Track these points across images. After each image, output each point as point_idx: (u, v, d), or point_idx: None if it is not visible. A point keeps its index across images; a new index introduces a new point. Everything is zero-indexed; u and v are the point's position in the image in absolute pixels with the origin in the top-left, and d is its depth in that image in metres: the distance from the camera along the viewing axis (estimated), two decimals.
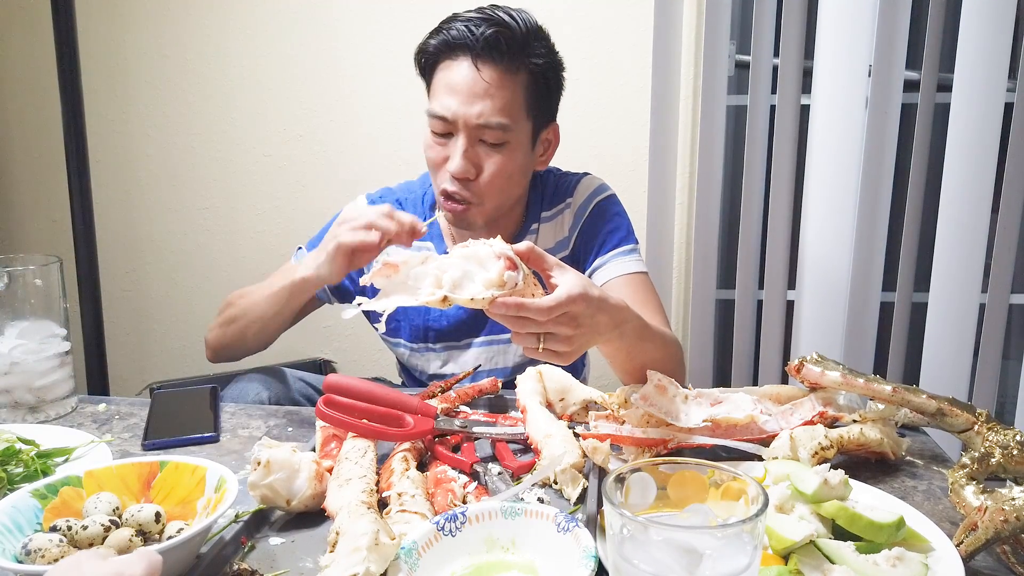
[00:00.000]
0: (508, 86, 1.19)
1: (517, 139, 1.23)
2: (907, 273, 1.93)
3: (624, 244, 1.35)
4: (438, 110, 1.20)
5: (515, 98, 1.20)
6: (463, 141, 1.20)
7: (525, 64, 1.21)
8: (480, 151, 1.21)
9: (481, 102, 1.18)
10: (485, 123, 1.18)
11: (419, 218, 1.16)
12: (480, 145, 1.21)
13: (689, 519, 0.62)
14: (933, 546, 0.73)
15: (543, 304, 0.83)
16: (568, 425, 0.98)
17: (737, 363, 2.05)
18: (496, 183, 1.23)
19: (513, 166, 1.24)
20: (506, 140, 1.21)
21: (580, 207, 1.37)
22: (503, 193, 1.26)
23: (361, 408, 0.93)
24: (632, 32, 2.00)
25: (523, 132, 1.24)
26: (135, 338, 2.33)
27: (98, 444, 1.00)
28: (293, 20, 2.10)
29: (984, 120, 1.81)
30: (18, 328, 1.12)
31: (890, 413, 0.98)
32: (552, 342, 0.87)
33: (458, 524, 0.74)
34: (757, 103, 1.91)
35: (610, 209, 1.37)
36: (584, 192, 1.38)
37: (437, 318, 1.37)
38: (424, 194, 1.42)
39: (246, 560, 0.76)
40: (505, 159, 1.22)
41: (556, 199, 1.39)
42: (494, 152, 1.21)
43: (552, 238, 1.38)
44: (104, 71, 2.16)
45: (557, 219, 1.38)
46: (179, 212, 2.25)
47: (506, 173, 1.23)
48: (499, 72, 1.18)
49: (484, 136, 1.20)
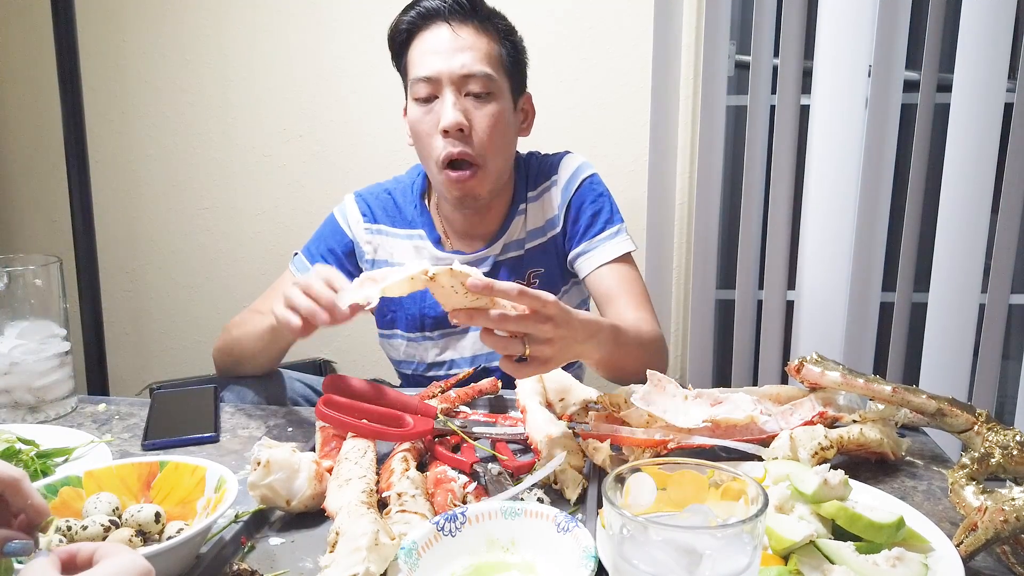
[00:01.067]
0: (483, 40, 1.24)
1: (501, 93, 1.26)
2: (907, 273, 1.93)
3: (609, 226, 1.36)
4: (422, 72, 1.23)
5: (492, 51, 1.25)
6: (451, 95, 1.22)
7: (493, 24, 1.26)
8: (468, 104, 1.23)
9: (462, 54, 1.22)
10: (469, 72, 1.22)
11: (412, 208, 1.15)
12: (468, 98, 1.23)
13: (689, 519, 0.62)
14: (933, 546, 0.73)
15: (513, 286, 0.82)
16: (568, 425, 0.98)
17: (737, 363, 2.05)
18: (492, 135, 1.24)
19: (504, 120, 1.26)
20: (491, 90, 1.24)
21: (566, 184, 1.38)
22: (500, 151, 1.27)
23: (361, 408, 0.93)
24: (632, 32, 2.00)
25: (505, 88, 1.27)
26: (135, 338, 2.33)
27: (98, 444, 1.00)
28: (293, 20, 2.10)
29: (984, 120, 1.81)
30: (18, 328, 1.12)
31: (890, 413, 0.98)
32: (536, 345, 0.86)
33: (458, 524, 0.74)
34: (757, 103, 1.91)
35: (594, 189, 1.38)
36: (568, 169, 1.39)
37: (433, 305, 1.37)
38: (413, 184, 1.42)
39: (246, 560, 0.76)
40: (495, 109, 1.24)
41: (540, 178, 1.40)
42: (482, 103, 1.24)
43: (541, 217, 1.39)
44: (104, 71, 2.16)
45: (543, 197, 1.39)
46: (179, 212, 2.25)
47: (500, 125, 1.25)
48: (472, 28, 1.24)
49: (470, 87, 1.23)
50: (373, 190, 1.43)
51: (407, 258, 1.38)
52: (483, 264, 1.37)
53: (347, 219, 1.40)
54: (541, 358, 0.87)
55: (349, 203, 1.41)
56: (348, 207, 1.41)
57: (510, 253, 1.38)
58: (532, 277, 1.38)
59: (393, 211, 1.40)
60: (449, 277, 0.80)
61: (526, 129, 1.37)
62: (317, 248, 1.39)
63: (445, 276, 0.80)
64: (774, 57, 1.90)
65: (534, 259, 1.38)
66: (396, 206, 1.41)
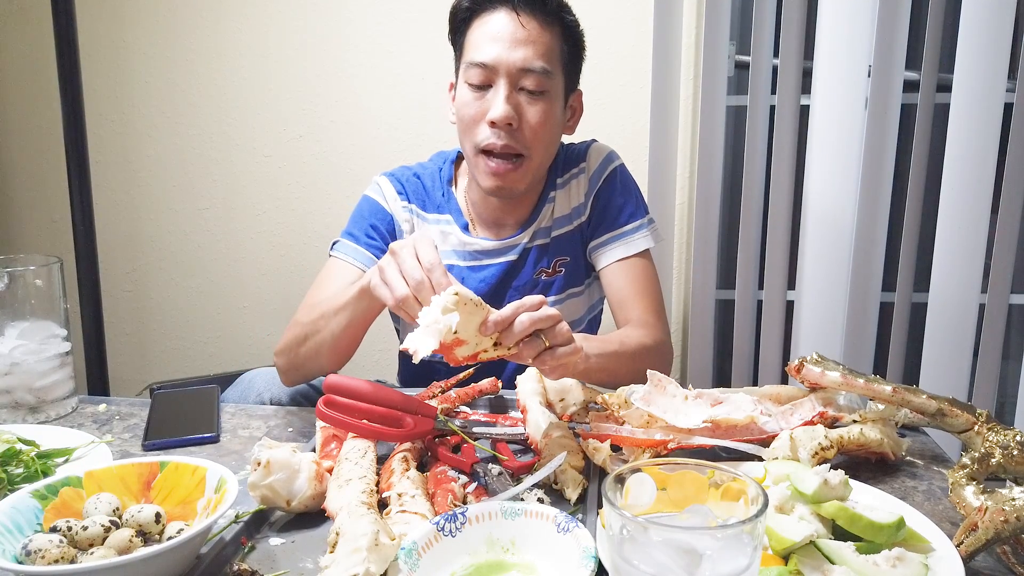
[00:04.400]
0: (547, 35, 1.21)
1: (555, 90, 1.24)
2: (907, 273, 1.93)
3: (633, 220, 1.35)
4: (478, 58, 1.20)
5: (553, 47, 1.22)
6: (504, 87, 1.20)
7: (560, 19, 1.23)
8: (521, 99, 1.21)
9: (523, 47, 1.19)
10: (528, 67, 1.19)
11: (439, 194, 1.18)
12: (521, 93, 1.21)
13: (689, 520, 0.62)
14: (933, 546, 0.73)
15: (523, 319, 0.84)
16: (568, 425, 0.98)
17: (737, 363, 2.05)
18: (540, 132, 1.22)
19: (553, 118, 1.24)
20: (546, 88, 1.22)
21: (595, 173, 1.38)
22: (546, 148, 1.26)
23: (361, 408, 0.93)
24: (632, 32, 2.00)
25: (559, 86, 1.25)
26: (135, 338, 2.33)
27: (98, 444, 1.00)
28: (293, 20, 2.10)
29: (984, 120, 1.81)
30: (18, 328, 1.12)
31: (890, 413, 0.98)
32: (552, 334, 0.86)
33: (458, 524, 0.74)
34: (757, 103, 1.91)
35: (623, 181, 1.38)
36: (597, 157, 1.39)
37: None
38: (440, 169, 1.41)
39: (246, 560, 0.76)
40: (546, 107, 1.22)
41: (568, 165, 1.40)
42: (535, 100, 1.22)
43: (568, 204, 1.39)
44: (104, 71, 2.16)
45: (571, 184, 1.39)
46: (179, 212, 2.25)
47: (549, 123, 1.23)
48: (538, 21, 1.21)
49: (525, 82, 1.20)
50: (403, 172, 1.42)
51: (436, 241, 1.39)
52: (512, 252, 1.37)
53: (384, 196, 1.38)
54: (565, 345, 0.87)
55: (383, 182, 1.39)
56: (383, 185, 1.39)
57: (537, 241, 1.38)
58: (559, 266, 1.38)
59: (422, 194, 1.39)
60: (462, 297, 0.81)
61: (571, 127, 1.35)
62: (359, 228, 1.34)
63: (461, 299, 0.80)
64: (774, 57, 1.90)
65: (561, 247, 1.38)
66: (425, 190, 1.39)
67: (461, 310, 0.79)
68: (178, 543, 0.67)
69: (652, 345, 1.23)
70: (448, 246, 1.37)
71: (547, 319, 0.85)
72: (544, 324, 0.85)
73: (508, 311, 0.83)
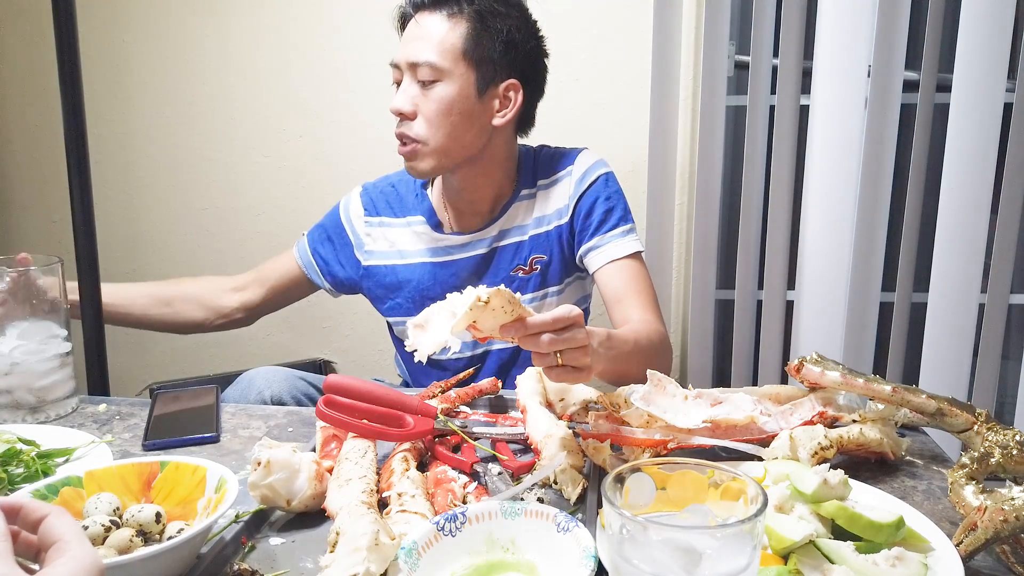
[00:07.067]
0: (442, 30, 1.29)
1: (452, 80, 1.30)
2: (907, 273, 1.93)
3: (621, 224, 1.40)
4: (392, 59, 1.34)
5: (447, 40, 1.29)
6: (404, 81, 1.32)
7: (463, 11, 1.30)
8: (418, 91, 1.30)
9: (415, 43, 1.30)
10: (414, 60, 1.29)
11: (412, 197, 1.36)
12: (418, 85, 1.30)
13: (688, 519, 0.62)
14: (933, 546, 0.74)
15: (544, 319, 0.84)
16: (568, 425, 0.98)
17: (737, 363, 2.05)
18: (435, 120, 1.30)
19: (447, 105, 1.30)
20: (437, 79, 1.29)
21: (581, 177, 1.42)
22: (442, 133, 1.31)
23: (361, 408, 0.93)
24: (632, 32, 1.99)
25: (460, 76, 1.30)
26: (135, 338, 2.33)
27: (98, 444, 1.00)
28: (293, 20, 2.10)
29: (984, 120, 1.81)
30: (19, 328, 1.12)
31: (890, 413, 0.98)
32: (569, 355, 0.87)
33: (458, 524, 0.74)
34: (757, 103, 1.91)
35: (609, 186, 1.42)
36: (585, 163, 1.44)
37: (431, 286, 1.43)
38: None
39: (246, 560, 0.76)
40: (438, 95, 1.29)
41: (555, 167, 1.45)
42: (427, 89, 1.30)
43: (552, 205, 1.43)
44: (104, 71, 2.16)
45: (554, 188, 1.44)
46: (179, 212, 2.25)
47: (440, 110, 1.30)
48: (435, 19, 1.30)
49: (418, 75, 1.30)
50: (379, 183, 1.53)
51: (407, 243, 1.46)
52: (480, 245, 1.43)
53: (348, 213, 1.51)
54: (578, 365, 0.89)
55: (354, 197, 1.52)
56: (352, 202, 1.52)
57: (511, 238, 1.43)
58: (534, 263, 1.43)
59: (395, 201, 1.49)
60: (499, 298, 0.82)
61: (504, 117, 1.36)
62: (319, 235, 1.54)
63: (497, 298, 0.81)
64: (774, 57, 1.90)
65: (538, 246, 1.43)
66: (399, 196, 1.49)
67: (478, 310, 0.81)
68: (178, 543, 0.68)
69: (658, 341, 1.25)
70: (421, 244, 1.46)
71: (568, 340, 0.86)
72: (564, 346, 0.86)
73: (543, 321, 0.84)
